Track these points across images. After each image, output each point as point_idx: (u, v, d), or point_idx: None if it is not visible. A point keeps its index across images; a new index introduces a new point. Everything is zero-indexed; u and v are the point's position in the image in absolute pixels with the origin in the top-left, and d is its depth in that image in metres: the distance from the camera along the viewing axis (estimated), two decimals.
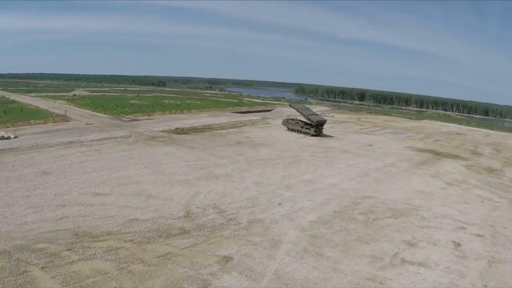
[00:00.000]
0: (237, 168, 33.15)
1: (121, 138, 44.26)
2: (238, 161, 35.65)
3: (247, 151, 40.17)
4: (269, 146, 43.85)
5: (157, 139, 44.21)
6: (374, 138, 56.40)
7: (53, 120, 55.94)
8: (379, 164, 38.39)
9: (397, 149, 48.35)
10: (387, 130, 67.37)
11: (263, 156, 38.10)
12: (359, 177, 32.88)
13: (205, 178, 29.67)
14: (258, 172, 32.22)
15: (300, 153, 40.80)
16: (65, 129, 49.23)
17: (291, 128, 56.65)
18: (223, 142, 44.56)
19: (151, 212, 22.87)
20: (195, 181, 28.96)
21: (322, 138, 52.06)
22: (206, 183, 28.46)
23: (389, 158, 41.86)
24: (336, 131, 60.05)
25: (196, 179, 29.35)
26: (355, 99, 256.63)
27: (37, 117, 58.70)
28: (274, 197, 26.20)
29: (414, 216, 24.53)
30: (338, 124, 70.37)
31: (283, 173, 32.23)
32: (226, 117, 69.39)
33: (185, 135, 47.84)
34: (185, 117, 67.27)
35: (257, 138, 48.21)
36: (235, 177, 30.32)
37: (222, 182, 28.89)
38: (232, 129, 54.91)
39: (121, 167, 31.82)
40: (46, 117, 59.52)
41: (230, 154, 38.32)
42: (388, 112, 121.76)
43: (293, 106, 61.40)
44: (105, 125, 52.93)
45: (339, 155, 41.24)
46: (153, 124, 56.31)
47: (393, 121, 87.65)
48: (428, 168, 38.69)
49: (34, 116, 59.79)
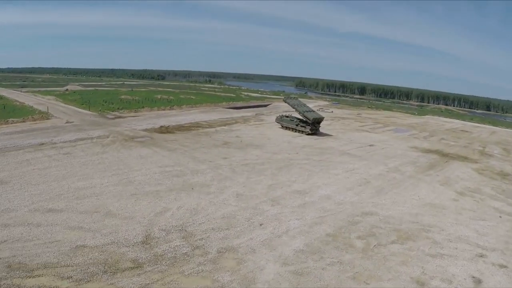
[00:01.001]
0: (218, 175, 28.53)
1: (98, 138, 39.68)
2: (221, 166, 31.03)
3: (233, 153, 35.53)
4: (259, 147, 39.17)
5: (136, 140, 39.61)
6: (376, 136, 51.65)
7: (32, 119, 51.45)
8: (382, 168, 33.69)
9: (401, 149, 43.63)
10: (389, 127, 62.55)
11: (250, 160, 33.45)
12: (358, 186, 28.20)
13: (178, 189, 25.10)
14: (241, 180, 27.59)
15: (293, 156, 36.11)
16: (42, 128, 44.66)
17: (285, 126, 51.85)
18: (209, 142, 39.90)
19: (104, 236, 18.44)
20: (166, 193, 24.41)
21: (319, 137, 47.35)
22: (178, 196, 23.90)
23: (392, 161, 37.16)
24: (334, 129, 55.32)
25: (168, 191, 24.79)
26: (356, 93, 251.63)
27: (18, 115, 54.36)
28: (256, 214, 21.61)
29: (423, 239, 19.93)
30: (337, 121, 65.61)
31: (270, 182, 27.59)
32: (217, 114, 64.65)
33: (168, 135, 43.20)
34: (174, 113, 62.59)
35: (247, 138, 43.51)
36: (213, 188, 25.71)
37: (197, 194, 24.31)
38: (222, 127, 50.23)
39: (86, 175, 27.31)
40: (28, 114, 55.22)
41: (213, 157, 33.70)
42: (389, 107, 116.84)
43: (287, 101, 55.93)
44: (86, 124, 48.33)
45: (337, 158, 36.54)
46: (137, 121, 51.67)
47: (395, 117, 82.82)
48: (436, 173, 34.01)
49: (16, 114, 55.47)
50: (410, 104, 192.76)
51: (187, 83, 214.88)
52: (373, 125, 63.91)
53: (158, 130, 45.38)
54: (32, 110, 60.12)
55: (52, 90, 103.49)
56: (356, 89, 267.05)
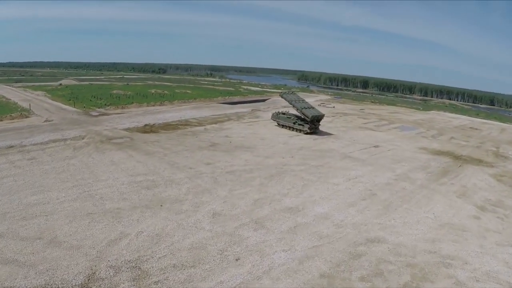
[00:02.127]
0: (196, 187, 23.93)
1: (72, 140, 35.19)
2: (202, 174, 26.42)
3: (219, 158, 30.88)
4: (250, 149, 34.49)
5: (113, 141, 35.07)
6: (381, 135, 46.82)
7: (10, 117, 47.10)
8: (389, 176, 28.95)
9: (409, 151, 38.82)
10: (395, 124, 57.60)
11: (237, 166, 28.80)
12: (362, 200, 23.51)
13: (144, 206, 20.57)
14: (222, 194, 22.98)
15: (287, 160, 31.42)
16: (16, 128, 40.17)
17: (282, 124, 47.07)
18: (194, 144, 35.26)
19: (38, 275, 14.14)
20: (129, 211, 19.89)
21: (318, 137, 42.60)
22: (141, 216, 19.37)
23: (400, 166, 32.41)
24: (336, 127, 50.52)
25: (131, 208, 20.27)
26: (358, 87, 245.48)
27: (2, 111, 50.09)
28: (233, 243, 17.04)
29: (444, 279, 15.34)
30: (338, 117, 60.72)
31: (257, 195, 22.96)
32: (211, 109, 59.86)
33: (150, 135, 38.61)
34: (164, 109, 57.85)
35: (237, 138, 38.81)
36: (187, 204, 21.14)
37: (165, 214, 19.76)
38: (212, 125, 45.52)
39: (44, 187, 22.87)
40: (9, 112, 51.07)
41: (195, 163, 29.08)
42: (392, 102, 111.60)
43: (284, 96, 50.42)
44: (65, 122, 43.78)
45: (337, 163, 31.81)
46: (121, 119, 47.07)
47: (399, 112, 77.73)
48: (451, 181, 29.27)
49: None
50: (414, 98, 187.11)
51: (187, 77, 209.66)
52: (377, 122, 59.01)
53: (141, 130, 40.78)
54: (15, 107, 55.80)
55: (46, 85, 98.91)
56: (358, 82, 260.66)
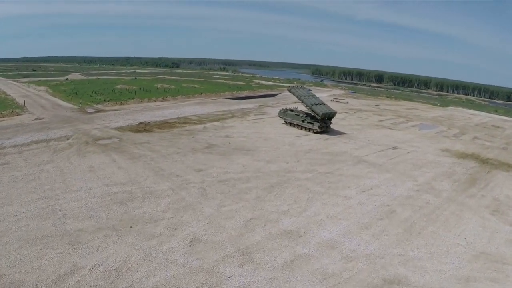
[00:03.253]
0: (178, 201, 19.91)
1: (56, 141, 31.59)
2: (189, 184, 22.39)
3: (213, 162, 26.78)
4: (250, 152, 30.30)
5: (99, 142, 31.35)
6: (399, 135, 42.05)
7: (0, 115, 43.93)
8: (409, 186, 24.42)
9: (431, 153, 34.10)
10: (413, 122, 52.59)
11: (233, 173, 24.68)
12: (378, 219, 19.11)
13: (110, 228, 16.68)
14: (208, 211, 18.90)
15: (292, 166, 27.11)
16: (3, 127, 36.76)
17: (289, 122, 42.68)
18: (188, 145, 31.25)
19: None
20: (91, 234, 16.04)
21: (329, 137, 38.14)
22: (104, 242, 15.49)
23: (422, 172, 27.79)
24: (349, 125, 45.90)
25: (95, 230, 16.40)
26: (373, 82, 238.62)
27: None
28: (208, 287, 12.96)
29: None
30: (352, 114, 55.99)
31: (250, 214, 18.80)
32: (215, 105, 55.73)
33: (143, 134, 34.79)
34: (165, 105, 54.00)
35: (238, 139, 34.64)
36: (162, 225, 17.14)
37: (132, 239, 15.81)
38: (213, 123, 41.42)
39: (6, 199, 19.43)
40: (3, 108, 48.06)
41: (184, 169, 25.07)
42: (408, 97, 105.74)
43: (292, 91, 45.33)
44: (56, 121, 40.24)
45: (350, 169, 27.36)
46: (117, 117, 43.38)
47: (417, 108, 72.37)
48: (481, 192, 24.60)
49: None
50: (429, 93, 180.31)
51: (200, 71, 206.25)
52: (394, 119, 54.07)
53: (133, 129, 36.98)
54: (11, 104, 52.69)
55: (52, 79, 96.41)
56: (373, 77, 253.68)
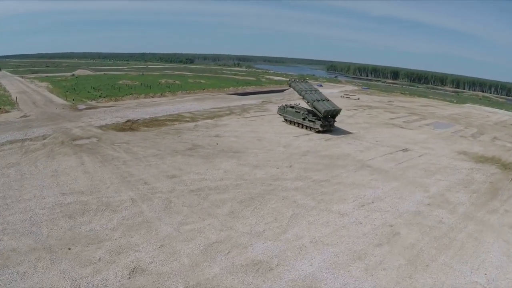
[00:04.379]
0: (135, 216, 16.35)
1: (31, 141, 28.54)
2: (155, 194, 18.83)
3: (191, 167, 23.16)
4: (238, 154, 26.56)
5: (76, 143, 28.19)
6: (411, 134, 37.70)
7: None
8: (419, 198, 20.32)
9: (446, 156, 29.78)
10: (427, 120, 47.98)
11: (209, 181, 21.01)
12: (376, 246, 15.15)
13: (45, 249, 13.33)
14: (165, 230, 15.28)
15: (282, 172, 23.26)
16: None
17: (289, 120, 38.74)
18: (170, 146, 27.72)
19: None
20: (22, 256, 12.94)
21: (332, 136, 34.15)
22: (32, 267, 12.23)
23: (435, 180, 23.60)
24: (357, 123, 41.74)
25: (27, 252, 13.22)
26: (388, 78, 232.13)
27: None
28: None
29: None
30: (362, 111, 51.70)
31: (215, 236, 15.07)
32: (215, 101, 52.13)
33: (126, 133, 31.51)
34: (162, 101, 50.73)
35: (229, 138, 30.94)
36: (104, 248, 13.60)
37: (65, 265, 12.36)
38: (206, 121, 37.83)
39: None
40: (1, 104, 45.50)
41: (155, 175, 21.54)
42: (424, 94, 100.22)
43: (292, 85, 40.79)
44: (41, 118, 37.32)
45: (350, 176, 23.36)
46: (106, 114, 40.30)
47: (432, 105, 67.40)
48: (504, 206, 20.32)
49: None
50: (445, 90, 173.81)
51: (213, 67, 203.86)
52: (407, 116, 49.55)
53: (118, 127, 33.74)
54: (5, 100, 50.25)
55: (59, 75, 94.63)
56: (388, 73, 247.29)
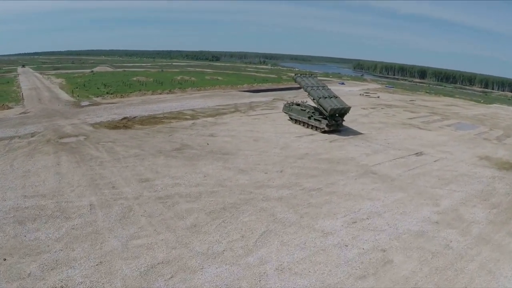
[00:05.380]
0: (87, 225, 14.08)
1: (20, 138, 27.24)
2: (118, 200, 16.53)
3: (169, 170, 20.75)
4: (226, 156, 23.91)
5: (62, 141, 26.62)
6: (429, 136, 34.03)
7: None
8: (426, 214, 17.02)
9: (465, 162, 26.12)
10: (449, 120, 43.84)
11: (183, 187, 18.50)
12: (358, 278, 11.85)
13: None
14: (112, 244, 12.89)
15: (269, 178, 20.41)
16: None
17: (295, 119, 35.75)
18: (155, 146, 25.48)
19: None
20: None
21: (339, 137, 31.04)
22: None
23: (449, 191, 20.20)
24: (370, 123, 38.37)
25: None
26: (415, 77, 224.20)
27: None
28: None
29: None
30: (379, 110, 48.06)
31: (163, 254, 12.49)
32: (223, 98, 49.90)
33: (117, 131, 29.71)
34: (167, 98, 48.96)
35: (223, 138, 28.36)
36: (39, 262, 11.39)
37: None
38: (206, 119, 35.47)
39: None
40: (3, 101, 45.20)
41: (128, 178, 19.27)
42: (450, 93, 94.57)
43: (298, 80, 36.97)
44: (39, 115, 36.24)
45: (348, 185, 20.28)
46: (105, 110, 38.89)
47: (456, 105, 62.56)
48: None
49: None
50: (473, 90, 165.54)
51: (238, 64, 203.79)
52: (427, 116, 45.57)
53: (111, 125, 31.98)
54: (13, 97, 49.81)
55: (78, 72, 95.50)
56: (416, 72, 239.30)
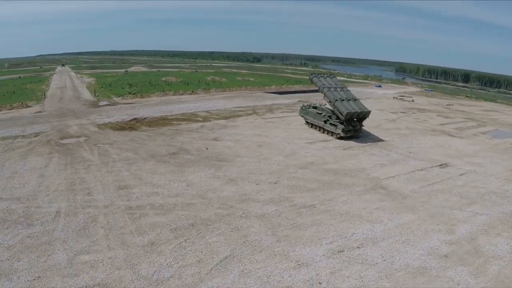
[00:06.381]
0: (41, 235, 12.61)
1: (23, 138, 27.47)
2: (87, 208, 15.14)
3: (153, 177, 19.07)
4: (221, 163, 21.85)
5: (62, 142, 26.30)
6: (458, 145, 30.27)
7: (10, 107, 42.11)
8: (435, 243, 13.99)
9: (496, 177, 22.38)
10: (486, 127, 39.33)
11: (160, 196, 16.73)
12: None
13: None
14: (57, 258, 11.35)
15: (259, 190, 18.03)
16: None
17: (311, 122, 33.10)
18: (151, 150, 24.06)
19: None
20: None
21: (355, 145, 28.15)
22: None
23: (470, 213, 16.91)
24: (396, 128, 35.01)
25: None
26: (459, 81, 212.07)
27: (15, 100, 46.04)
28: None
29: None
30: (409, 115, 44.26)
31: (103, 276, 10.60)
32: (245, 100, 48.47)
33: (120, 132, 29.03)
34: (187, 99, 48.25)
35: (225, 143, 26.38)
36: None
37: None
38: (218, 121, 33.76)
39: None
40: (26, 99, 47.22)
41: (108, 184, 17.88)
42: (492, 98, 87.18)
43: (314, 80, 33.99)
44: (53, 115, 36.56)
45: (349, 202, 17.49)
46: (119, 111, 38.77)
47: (497, 110, 56.81)
48: None
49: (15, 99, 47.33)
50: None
51: (278, 66, 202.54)
52: (462, 122, 41.29)
53: (118, 125, 31.38)
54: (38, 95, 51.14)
55: (112, 71, 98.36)
56: (459, 76, 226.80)
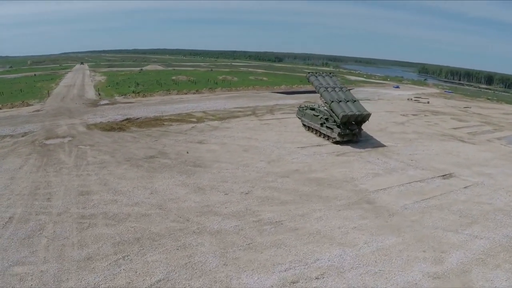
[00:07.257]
0: None
1: (11, 137, 26.85)
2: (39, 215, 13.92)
3: (119, 182, 17.63)
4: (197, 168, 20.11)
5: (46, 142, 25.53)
6: (468, 151, 27.49)
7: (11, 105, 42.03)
8: (415, 275, 11.71)
9: (506, 190, 19.70)
10: (503, 132, 36.19)
11: (117, 205, 15.23)
12: None
13: None
14: None
15: (225, 201, 16.21)
16: None
17: (307, 125, 31.01)
18: (129, 152, 22.75)
19: None
20: None
21: (351, 150, 25.95)
22: None
23: (466, 237, 14.50)
24: (403, 132, 32.54)
25: None
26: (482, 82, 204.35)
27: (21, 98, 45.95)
28: None
29: None
30: (421, 117, 41.48)
31: None
32: (248, 100, 46.87)
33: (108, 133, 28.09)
34: (188, 98, 47.07)
35: (209, 146, 24.69)
36: None
37: None
38: (211, 122, 32.21)
39: None
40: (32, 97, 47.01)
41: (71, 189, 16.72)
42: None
43: (311, 79, 31.33)
44: (49, 114, 35.98)
45: (323, 218, 15.43)
46: (115, 110, 37.83)
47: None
48: None
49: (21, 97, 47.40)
50: None
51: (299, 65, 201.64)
52: (476, 126, 38.26)
53: (108, 126, 30.40)
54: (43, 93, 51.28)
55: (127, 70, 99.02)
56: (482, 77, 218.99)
